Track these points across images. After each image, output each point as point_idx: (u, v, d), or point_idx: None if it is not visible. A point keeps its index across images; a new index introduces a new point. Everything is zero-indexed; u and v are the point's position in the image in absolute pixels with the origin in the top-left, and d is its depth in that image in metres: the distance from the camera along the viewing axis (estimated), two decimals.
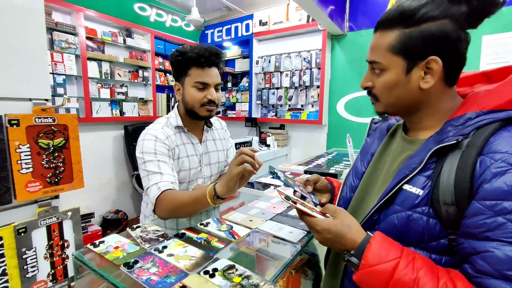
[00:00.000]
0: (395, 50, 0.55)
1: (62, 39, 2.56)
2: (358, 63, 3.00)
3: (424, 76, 0.55)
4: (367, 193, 0.67)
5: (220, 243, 0.80)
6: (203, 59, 1.03)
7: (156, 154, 1.02)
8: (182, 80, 1.09)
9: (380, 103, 0.62)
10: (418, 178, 0.54)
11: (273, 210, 1.05)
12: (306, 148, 3.48)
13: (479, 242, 0.45)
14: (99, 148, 3.01)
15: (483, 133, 0.49)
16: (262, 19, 3.48)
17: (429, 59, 0.53)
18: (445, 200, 0.49)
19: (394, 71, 0.57)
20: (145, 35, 3.31)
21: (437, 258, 0.51)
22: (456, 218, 0.48)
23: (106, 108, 3.00)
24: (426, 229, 0.51)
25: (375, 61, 0.59)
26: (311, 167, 1.81)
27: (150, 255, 0.72)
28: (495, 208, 0.44)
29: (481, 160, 0.47)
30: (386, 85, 0.58)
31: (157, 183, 0.96)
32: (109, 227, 2.96)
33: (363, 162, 0.74)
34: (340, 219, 0.56)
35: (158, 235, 0.83)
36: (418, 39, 0.53)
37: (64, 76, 2.57)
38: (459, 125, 0.52)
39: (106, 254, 0.71)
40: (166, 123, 1.12)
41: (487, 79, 0.61)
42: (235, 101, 3.99)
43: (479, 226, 0.45)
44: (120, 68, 3.10)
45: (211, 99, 1.06)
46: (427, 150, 0.54)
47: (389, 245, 0.51)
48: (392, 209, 0.56)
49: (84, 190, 2.96)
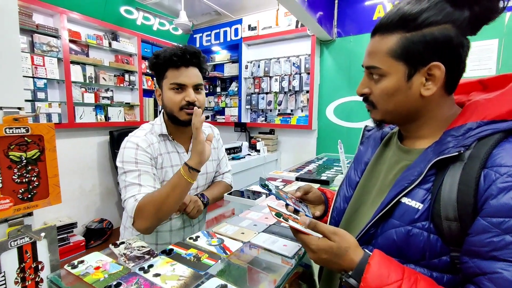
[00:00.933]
0: (396, 55, 0.53)
1: (44, 42, 2.45)
2: (347, 68, 3.04)
3: (425, 83, 0.53)
4: (361, 203, 0.65)
5: (211, 260, 0.75)
6: (176, 58, 0.97)
7: (137, 164, 0.96)
8: (161, 84, 1.03)
9: (378, 111, 0.59)
10: (418, 191, 0.51)
11: (266, 221, 1.01)
12: (296, 153, 3.47)
13: (486, 262, 0.43)
14: (82, 155, 2.89)
15: (485, 145, 0.47)
16: (251, 24, 3.47)
17: (431, 65, 0.51)
18: (447, 215, 0.47)
19: (394, 77, 0.54)
20: (131, 38, 3.23)
21: (438, 276, 0.49)
22: (458, 234, 0.46)
23: (90, 113, 2.89)
24: (427, 245, 0.48)
25: (374, 66, 0.56)
26: (302, 173, 1.79)
27: (135, 275, 0.66)
28: (503, 226, 0.42)
29: (485, 174, 0.45)
30: (385, 91, 0.55)
31: (134, 195, 0.91)
32: (93, 237, 2.83)
33: (356, 172, 0.71)
34: (338, 242, 0.52)
35: (143, 252, 0.78)
36: (420, 44, 0.50)
37: (45, 80, 2.45)
38: (459, 135, 0.50)
39: (85, 276, 0.65)
40: (151, 130, 1.06)
41: (483, 87, 0.60)
42: (224, 106, 3.95)
43: (485, 245, 0.43)
44: (105, 72, 3.01)
45: (189, 100, 0.99)
46: (426, 162, 0.52)
47: (389, 265, 0.48)
48: (390, 224, 0.53)
49: (65, 198, 2.83)
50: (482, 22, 0.51)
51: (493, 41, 2.32)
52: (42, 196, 0.66)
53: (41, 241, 0.65)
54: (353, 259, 0.50)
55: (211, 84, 4.09)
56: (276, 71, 3.41)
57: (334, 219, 0.70)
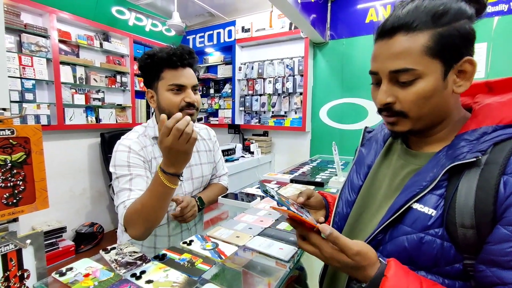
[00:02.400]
0: (433, 52, 0.48)
1: (32, 42, 2.39)
2: (340, 70, 3.06)
3: (456, 80, 0.51)
4: (365, 208, 0.63)
5: (205, 265, 0.73)
6: (175, 58, 0.94)
7: (130, 167, 0.93)
8: (154, 85, 0.99)
9: (408, 120, 0.53)
10: (430, 197, 0.49)
11: (261, 224, 1.00)
12: (290, 155, 3.47)
13: (506, 272, 0.41)
14: (72, 157, 2.82)
15: (503, 150, 0.45)
16: (244, 26, 3.47)
17: (465, 59, 0.49)
18: (462, 223, 0.45)
19: (431, 77, 0.49)
20: (123, 39, 3.19)
21: (450, 283, 0.47)
22: (474, 242, 0.44)
23: (80, 115, 2.83)
24: (440, 252, 0.47)
25: (407, 68, 0.49)
26: (296, 175, 1.78)
27: (126, 282, 0.64)
28: None
29: (505, 181, 0.43)
30: (422, 95, 0.50)
31: (124, 202, 0.88)
32: (83, 241, 2.76)
33: (359, 175, 0.68)
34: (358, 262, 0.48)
35: (135, 258, 0.76)
36: (456, 37, 0.47)
37: (34, 81, 2.39)
38: (473, 139, 0.48)
39: (74, 284, 0.62)
40: (144, 132, 1.04)
41: (488, 89, 0.58)
42: (217, 108, 3.93)
43: (506, 254, 0.41)
44: (96, 73, 2.95)
45: (190, 101, 0.97)
46: (439, 167, 0.50)
47: (406, 276, 0.46)
48: (400, 230, 0.51)
49: (54, 202, 2.75)
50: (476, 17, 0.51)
51: (481, 44, 2.38)
52: (28, 201, 0.63)
53: (27, 248, 0.62)
54: (369, 273, 0.48)
55: (205, 86, 4.06)
56: (270, 73, 3.41)
57: (336, 224, 0.68)
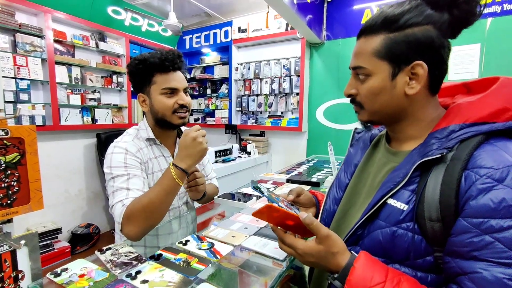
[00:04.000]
0: (380, 54, 0.54)
1: (27, 42, 2.37)
2: (336, 71, 3.08)
3: (409, 82, 0.54)
4: (351, 205, 0.65)
5: (201, 264, 0.74)
6: (167, 63, 0.97)
7: (127, 168, 0.93)
8: (146, 89, 1.01)
9: (365, 111, 0.60)
10: (403, 192, 0.52)
11: (257, 224, 1.00)
12: (287, 155, 3.48)
13: (467, 262, 0.44)
14: (68, 158, 2.81)
15: (467, 147, 0.48)
16: (241, 26, 3.48)
17: (414, 63, 0.52)
18: (430, 216, 0.48)
19: (379, 76, 0.55)
20: (119, 39, 3.18)
21: (423, 276, 0.49)
22: (441, 234, 0.47)
23: (76, 115, 2.82)
24: (412, 245, 0.49)
25: (359, 66, 0.57)
26: (292, 175, 1.79)
27: (122, 283, 0.64)
28: (482, 226, 0.42)
29: (466, 175, 0.46)
30: (371, 91, 0.57)
31: (122, 200, 0.87)
32: (79, 243, 2.75)
33: (346, 174, 0.71)
34: (328, 246, 0.52)
35: (131, 258, 0.76)
36: (403, 43, 0.52)
37: (29, 81, 2.37)
38: (442, 137, 0.52)
39: (69, 285, 0.62)
40: (137, 135, 1.05)
41: (467, 90, 0.61)
42: (214, 108, 3.93)
43: (466, 245, 0.44)
44: (92, 73, 2.94)
45: (183, 103, 1.00)
46: (411, 164, 0.52)
47: (374, 267, 0.48)
48: (376, 224, 0.54)
49: (50, 203, 2.72)
50: (461, 25, 0.53)
51: (475, 45, 2.40)
52: (23, 202, 0.63)
53: (22, 249, 0.62)
54: (340, 262, 0.51)
55: (201, 86, 4.06)
56: (267, 73, 3.42)
57: (324, 220, 0.70)
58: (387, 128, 0.65)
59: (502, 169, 0.43)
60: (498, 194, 0.42)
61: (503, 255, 0.40)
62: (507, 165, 0.43)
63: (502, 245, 0.41)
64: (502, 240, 0.41)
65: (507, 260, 0.40)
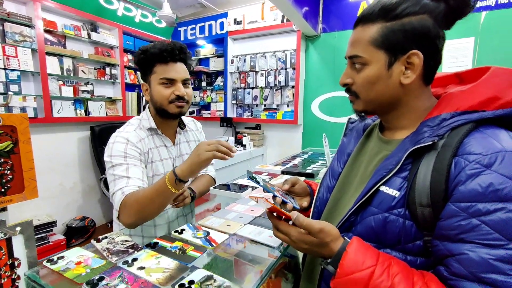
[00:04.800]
0: (377, 43, 0.54)
1: (16, 31, 2.31)
2: (331, 64, 3.08)
3: (404, 71, 0.55)
4: (343, 193, 0.67)
5: (196, 252, 0.75)
6: (166, 53, 1.00)
7: (126, 158, 0.96)
8: (148, 79, 1.05)
9: (360, 100, 0.61)
10: (395, 179, 0.53)
11: (252, 213, 1.02)
12: (282, 148, 3.50)
13: (454, 245, 0.45)
14: (61, 151, 2.78)
15: (458, 134, 0.49)
16: (236, 18, 3.44)
17: (410, 53, 0.53)
18: (421, 202, 0.49)
19: (375, 65, 0.55)
20: (112, 30, 3.12)
21: (412, 259, 0.51)
22: (431, 220, 0.48)
23: (69, 108, 2.78)
24: (403, 231, 0.51)
25: (356, 55, 0.57)
26: (287, 167, 1.81)
27: (118, 269, 0.65)
28: (470, 210, 0.44)
29: (456, 161, 0.47)
30: (367, 80, 0.57)
31: (122, 188, 0.90)
32: (74, 235, 2.74)
33: (339, 163, 0.73)
34: (321, 238, 0.53)
35: (127, 246, 0.76)
36: (400, 32, 0.53)
37: (19, 72, 2.32)
38: (434, 125, 0.53)
39: (65, 272, 0.63)
40: (139, 125, 1.07)
41: (459, 80, 0.62)
42: (209, 101, 3.91)
43: (454, 228, 0.45)
44: (85, 65, 2.89)
45: (179, 94, 1.02)
46: (403, 151, 0.54)
47: (365, 252, 0.50)
48: (369, 211, 0.55)
49: (44, 196, 2.69)
50: (456, 16, 0.53)
51: (469, 39, 2.42)
52: (17, 191, 0.63)
53: (17, 237, 0.62)
54: (333, 249, 0.52)
55: (196, 79, 4.02)
56: (262, 66, 3.40)
57: (317, 208, 0.72)
58: (381, 118, 0.66)
59: (490, 155, 0.45)
60: (486, 179, 0.43)
61: (489, 236, 0.42)
62: (495, 151, 0.45)
63: (488, 228, 0.42)
64: (488, 223, 0.42)
65: (492, 241, 0.41)
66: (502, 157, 0.44)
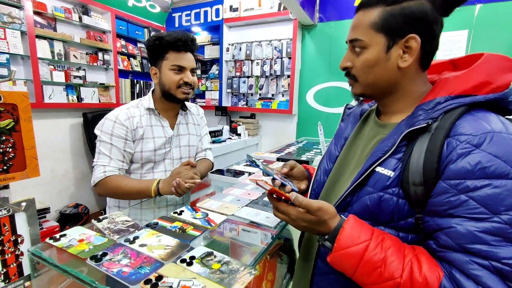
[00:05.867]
0: (377, 27, 0.56)
1: (4, 12, 2.23)
2: (327, 54, 3.08)
3: (402, 55, 0.57)
4: (340, 176, 0.69)
5: (196, 231, 0.77)
6: (180, 43, 1.09)
7: (112, 137, 1.07)
8: (159, 64, 1.13)
9: (359, 84, 0.62)
10: (390, 160, 0.55)
11: (249, 197, 1.04)
12: (277, 137, 3.52)
13: (443, 219, 0.48)
14: (53, 137, 2.73)
15: (451, 117, 0.51)
16: (232, 5, 3.38)
17: (408, 36, 0.55)
18: (414, 181, 0.51)
19: (375, 48, 0.57)
20: (104, 13, 3.03)
21: (404, 236, 0.54)
22: (423, 198, 0.51)
23: (60, 93, 2.72)
24: (396, 209, 0.53)
25: (356, 38, 0.59)
26: (283, 154, 1.83)
27: (120, 246, 0.67)
28: (459, 186, 0.46)
29: (448, 142, 0.49)
30: (366, 63, 0.59)
31: (104, 166, 1.05)
32: (68, 222, 2.74)
33: (336, 146, 0.75)
34: (320, 216, 0.55)
35: (128, 226, 0.78)
36: (399, 16, 0.54)
37: (8, 55, 2.25)
38: (429, 109, 0.55)
39: (69, 248, 0.64)
40: (137, 104, 1.17)
41: (453, 67, 0.64)
42: (204, 89, 3.88)
43: (443, 204, 0.48)
44: (76, 49, 2.81)
45: (188, 81, 1.12)
46: (399, 133, 0.56)
47: (361, 227, 0.52)
48: (364, 191, 0.58)
49: (35, 183, 2.66)
50: (455, 2, 0.55)
51: (463, 32, 2.46)
52: (19, 168, 0.63)
53: (20, 214, 0.63)
54: (330, 226, 0.54)
55: None
56: (258, 55, 3.38)
57: (314, 191, 0.74)
58: (378, 102, 0.68)
59: (479, 135, 0.47)
60: (475, 157, 0.46)
61: (475, 211, 0.45)
62: (484, 132, 0.47)
63: (475, 203, 0.45)
64: (475, 198, 0.45)
65: (478, 215, 0.44)
66: (491, 137, 0.47)
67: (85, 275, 0.56)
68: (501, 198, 0.43)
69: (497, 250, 0.42)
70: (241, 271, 0.59)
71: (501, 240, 0.43)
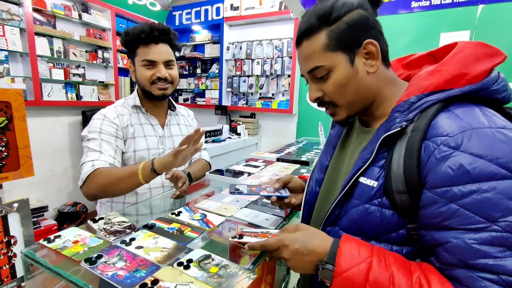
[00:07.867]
0: (331, 47, 0.55)
1: (3, 9, 2.22)
2: None
3: (366, 62, 0.55)
4: (332, 186, 0.66)
5: (194, 233, 0.76)
6: (144, 35, 1.01)
7: (101, 133, 1.00)
8: (133, 60, 1.07)
9: (340, 108, 0.59)
10: (372, 169, 0.53)
11: (248, 198, 1.03)
12: (276, 137, 3.51)
13: (439, 233, 0.44)
14: (51, 135, 2.72)
15: (426, 116, 0.48)
16: (233, 4, 3.36)
17: (365, 43, 0.54)
18: (397, 189, 0.48)
19: (340, 66, 0.55)
20: (104, 11, 3.01)
21: (398, 249, 0.51)
22: (410, 206, 0.48)
23: (59, 91, 2.70)
24: (384, 220, 0.50)
25: (316, 66, 0.56)
26: (283, 154, 1.82)
27: (116, 248, 0.65)
28: (446, 194, 0.43)
29: (425, 145, 0.46)
30: (338, 83, 0.56)
31: (93, 161, 0.94)
32: (66, 221, 2.73)
33: (326, 156, 0.72)
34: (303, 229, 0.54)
35: (124, 227, 0.76)
36: (347, 29, 0.54)
37: (7, 52, 2.24)
38: (404, 110, 0.51)
39: (63, 250, 0.63)
40: (123, 103, 1.12)
41: (434, 60, 0.61)
42: (204, 88, 3.86)
43: (436, 216, 0.44)
44: (76, 47, 2.80)
45: (160, 76, 1.04)
46: (377, 140, 0.53)
47: (358, 246, 0.49)
48: (351, 203, 0.55)
49: (33, 181, 2.65)
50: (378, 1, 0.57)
51: (465, 32, 2.44)
52: (12, 168, 0.62)
53: (13, 215, 0.61)
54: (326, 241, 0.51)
55: (191, 65, 3.96)
56: (258, 54, 3.36)
57: (307, 202, 0.72)
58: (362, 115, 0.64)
59: (456, 135, 0.44)
60: (456, 160, 0.43)
61: (470, 220, 0.41)
62: (461, 131, 0.44)
63: (467, 211, 0.41)
64: (466, 206, 0.41)
65: (475, 225, 0.41)
66: (469, 136, 0.43)
67: (78, 278, 0.55)
68: (494, 203, 0.40)
69: (504, 263, 0.39)
70: (240, 275, 0.57)
71: (504, 250, 0.39)
